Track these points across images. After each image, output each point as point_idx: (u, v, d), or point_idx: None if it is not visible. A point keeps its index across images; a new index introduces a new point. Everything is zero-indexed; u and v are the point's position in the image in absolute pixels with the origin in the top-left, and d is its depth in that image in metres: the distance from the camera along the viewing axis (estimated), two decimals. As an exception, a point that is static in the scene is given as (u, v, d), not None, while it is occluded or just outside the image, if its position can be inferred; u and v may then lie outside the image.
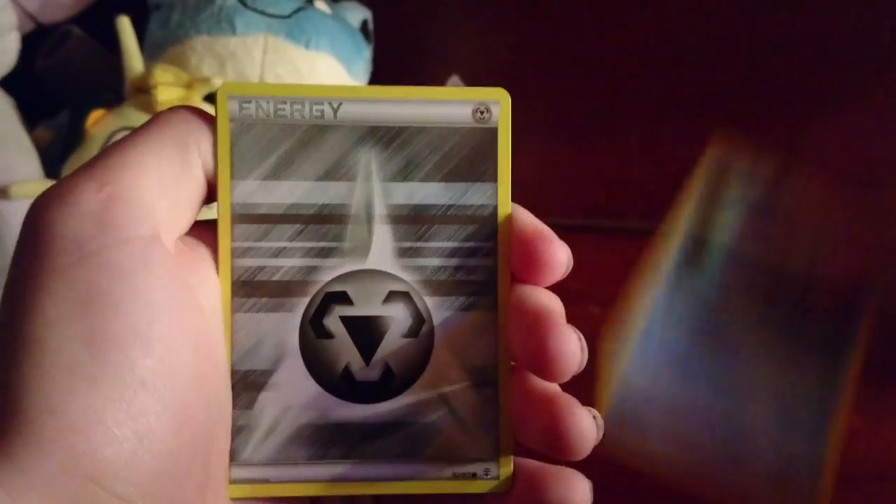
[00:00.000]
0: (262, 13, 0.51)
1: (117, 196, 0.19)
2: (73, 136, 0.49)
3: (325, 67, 0.52)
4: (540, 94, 0.60)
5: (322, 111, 0.21)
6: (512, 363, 0.22)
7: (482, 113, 0.22)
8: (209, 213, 0.22)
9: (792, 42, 0.56)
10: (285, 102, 0.21)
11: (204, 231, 0.22)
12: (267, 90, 0.21)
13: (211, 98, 0.49)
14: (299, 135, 0.21)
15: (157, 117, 0.21)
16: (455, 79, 0.60)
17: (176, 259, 0.20)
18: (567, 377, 0.20)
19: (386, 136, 0.22)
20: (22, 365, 0.17)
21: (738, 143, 0.34)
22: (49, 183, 0.47)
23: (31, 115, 0.51)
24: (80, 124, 0.48)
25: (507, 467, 0.22)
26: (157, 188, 0.19)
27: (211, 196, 0.21)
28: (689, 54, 0.58)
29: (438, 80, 0.57)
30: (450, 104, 0.22)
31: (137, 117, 0.48)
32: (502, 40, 0.62)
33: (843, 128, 0.55)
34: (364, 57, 0.56)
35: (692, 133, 0.57)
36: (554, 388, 0.21)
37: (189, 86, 0.48)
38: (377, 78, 0.58)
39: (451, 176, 0.22)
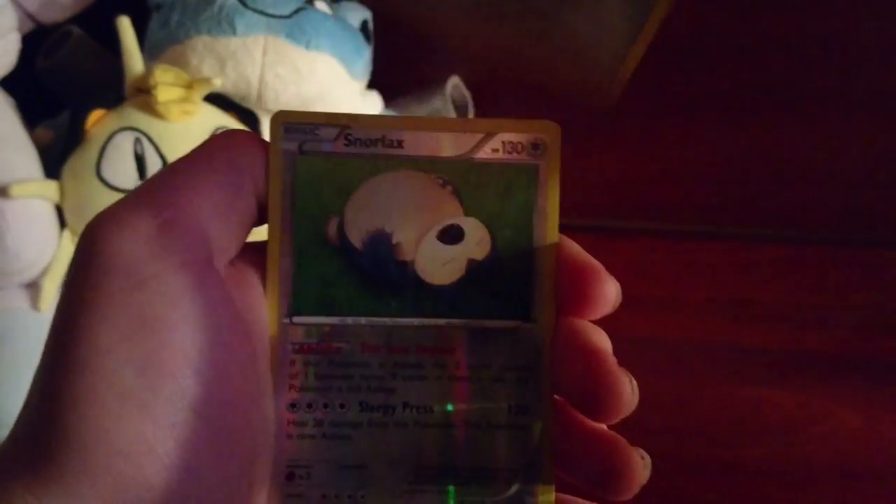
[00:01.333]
0: (263, 13, 0.51)
1: (173, 221, 0.19)
2: (74, 137, 0.49)
3: (326, 68, 0.52)
4: (540, 94, 0.60)
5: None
6: (556, 397, 0.22)
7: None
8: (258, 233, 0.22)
9: (792, 42, 0.56)
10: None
11: (251, 252, 0.22)
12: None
13: (211, 98, 0.49)
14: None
15: (211, 142, 0.21)
16: (455, 79, 0.60)
17: (227, 283, 0.20)
18: (617, 420, 0.20)
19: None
20: (74, 390, 0.17)
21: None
22: (49, 183, 0.47)
23: (31, 115, 0.51)
24: (81, 124, 0.48)
25: (548, 502, 0.22)
26: (212, 213, 0.19)
27: (261, 219, 0.21)
28: (690, 54, 0.58)
29: (438, 81, 0.57)
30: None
31: (138, 117, 0.48)
32: (502, 40, 0.62)
33: (842, 128, 0.55)
34: (364, 57, 0.56)
35: (692, 133, 0.57)
36: (601, 425, 0.21)
37: (189, 86, 0.48)
38: (377, 78, 0.58)
39: None
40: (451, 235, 0.22)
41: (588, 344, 0.21)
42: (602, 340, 0.21)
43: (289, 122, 0.21)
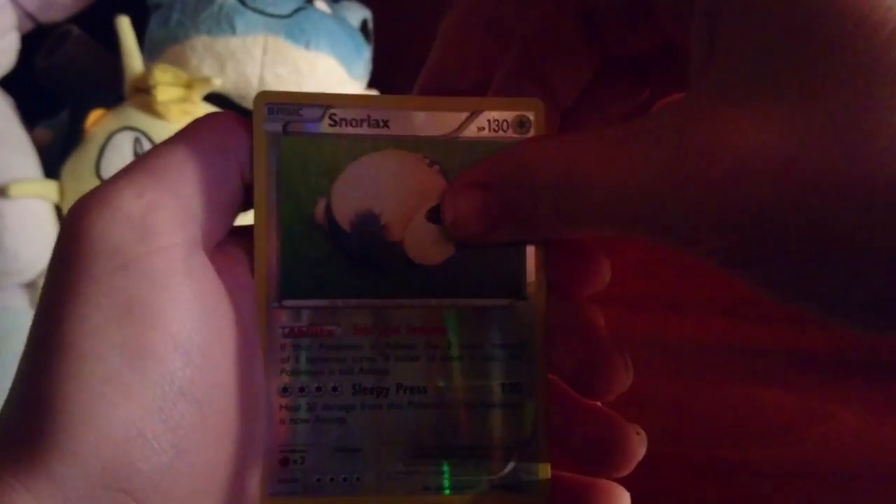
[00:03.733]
0: (262, 13, 0.51)
1: (157, 202, 0.18)
2: (73, 136, 0.49)
3: (325, 67, 0.52)
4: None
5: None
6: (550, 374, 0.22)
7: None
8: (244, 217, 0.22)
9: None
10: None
11: (239, 236, 0.21)
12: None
13: (210, 98, 0.49)
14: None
15: (196, 123, 0.20)
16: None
17: (214, 266, 0.20)
18: (613, 397, 0.20)
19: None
20: (59, 374, 0.17)
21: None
22: (48, 183, 0.47)
23: (30, 115, 0.51)
24: (80, 124, 0.48)
25: (545, 479, 0.22)
26: (197, 195, 0.19)
27: (248, 202, 0.21)
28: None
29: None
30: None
31: (137, 117, 0.48)
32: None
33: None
34: (364, 57, 0.56)
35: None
36: (596, 402, 0.21)
37: (189, 86, 0.48)
38: (377, 78, 0.58)
39: None
40: (440, 215, 0.21)
41: (581, 321, 0.21)
42: (596, 317, 0.21)
43: (272, 102, 0.21)
